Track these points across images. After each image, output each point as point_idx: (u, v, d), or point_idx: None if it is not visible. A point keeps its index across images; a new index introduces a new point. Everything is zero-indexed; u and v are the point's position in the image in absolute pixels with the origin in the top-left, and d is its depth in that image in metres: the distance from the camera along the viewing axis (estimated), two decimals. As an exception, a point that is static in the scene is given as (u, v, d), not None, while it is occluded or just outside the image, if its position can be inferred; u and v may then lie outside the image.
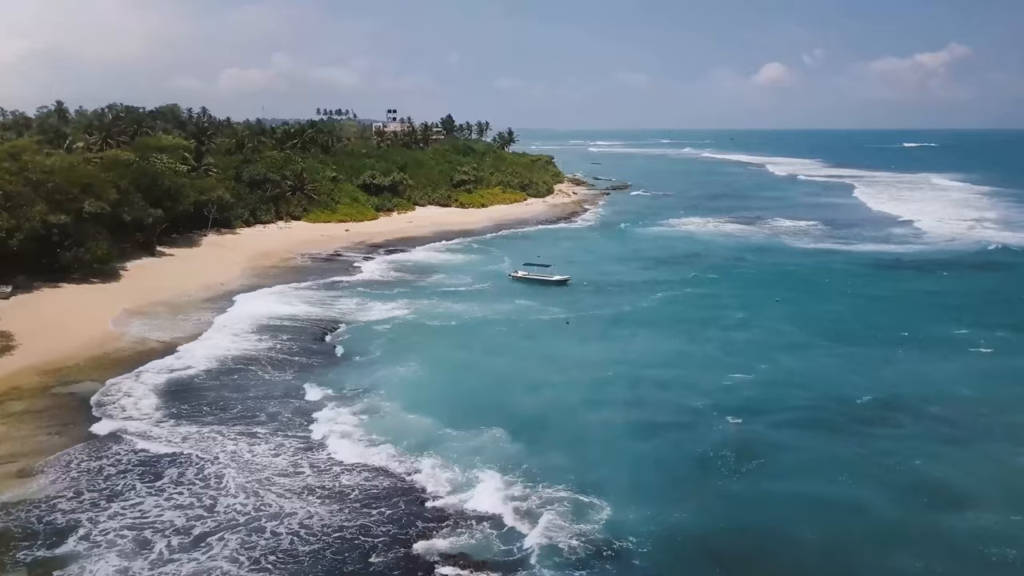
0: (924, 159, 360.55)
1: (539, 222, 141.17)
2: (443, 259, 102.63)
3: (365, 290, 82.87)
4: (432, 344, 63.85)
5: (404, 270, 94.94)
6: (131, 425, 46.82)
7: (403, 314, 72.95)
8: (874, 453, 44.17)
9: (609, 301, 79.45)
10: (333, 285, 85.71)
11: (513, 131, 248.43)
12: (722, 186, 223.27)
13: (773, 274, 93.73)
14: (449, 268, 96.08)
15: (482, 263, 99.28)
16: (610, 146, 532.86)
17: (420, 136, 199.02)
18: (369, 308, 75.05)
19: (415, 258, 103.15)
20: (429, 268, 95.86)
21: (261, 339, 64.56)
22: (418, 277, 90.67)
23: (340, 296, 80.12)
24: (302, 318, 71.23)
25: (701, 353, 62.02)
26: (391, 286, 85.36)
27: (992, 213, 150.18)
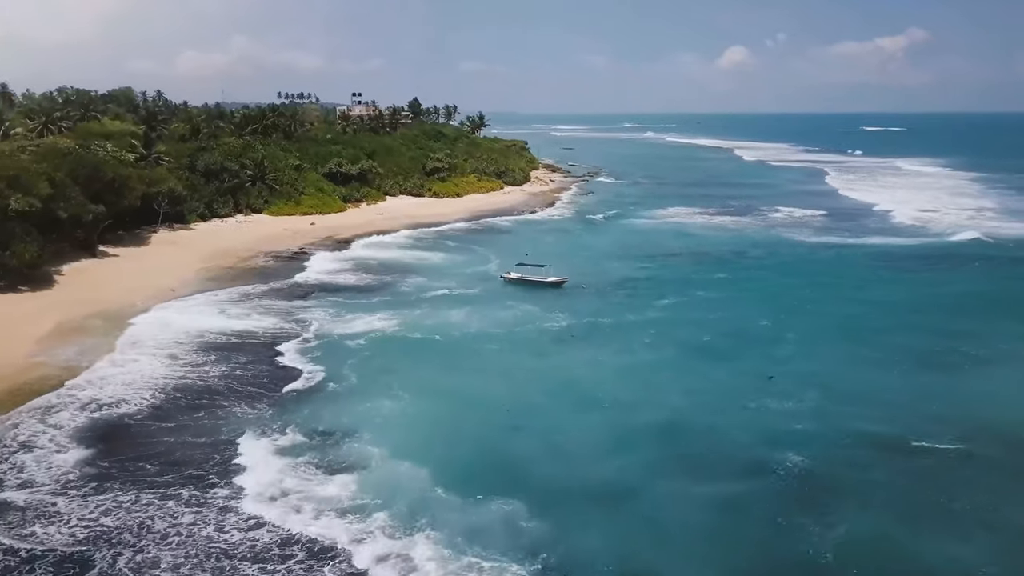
0: (895, 143, 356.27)
1: (519, 213, 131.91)
2: (422, 257, 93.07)
3: (336, 297, 73.18)
4: (418, 366, 54.57)
5: (380, 271, 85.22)
6: (22, 498, 36.42)
7: (382, 326, 63.48)
8: (980, 508, 36.10)
9: (614, 307, 70.75)
10: (299, 290, 75.94)
11: (484, 115, 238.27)
12: (698, 173, 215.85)
13: (784, 272, 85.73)
14: (430, 269, 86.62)
15: (467, 263, 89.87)
16: (575, 130, 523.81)
17: (388, 120, 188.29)
18: (342, 319, 65.49)
19: (391, 256, 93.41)
20: (408, 269, 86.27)
21: (213, 361, 54.80)
22: (397, 280, 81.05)
23: (307, 305, 70.33)
24: (262, 333, 61.45)
25: (736, 374, 53.41)
26: (367, 292, 75.74)
27: (988, 201, 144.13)
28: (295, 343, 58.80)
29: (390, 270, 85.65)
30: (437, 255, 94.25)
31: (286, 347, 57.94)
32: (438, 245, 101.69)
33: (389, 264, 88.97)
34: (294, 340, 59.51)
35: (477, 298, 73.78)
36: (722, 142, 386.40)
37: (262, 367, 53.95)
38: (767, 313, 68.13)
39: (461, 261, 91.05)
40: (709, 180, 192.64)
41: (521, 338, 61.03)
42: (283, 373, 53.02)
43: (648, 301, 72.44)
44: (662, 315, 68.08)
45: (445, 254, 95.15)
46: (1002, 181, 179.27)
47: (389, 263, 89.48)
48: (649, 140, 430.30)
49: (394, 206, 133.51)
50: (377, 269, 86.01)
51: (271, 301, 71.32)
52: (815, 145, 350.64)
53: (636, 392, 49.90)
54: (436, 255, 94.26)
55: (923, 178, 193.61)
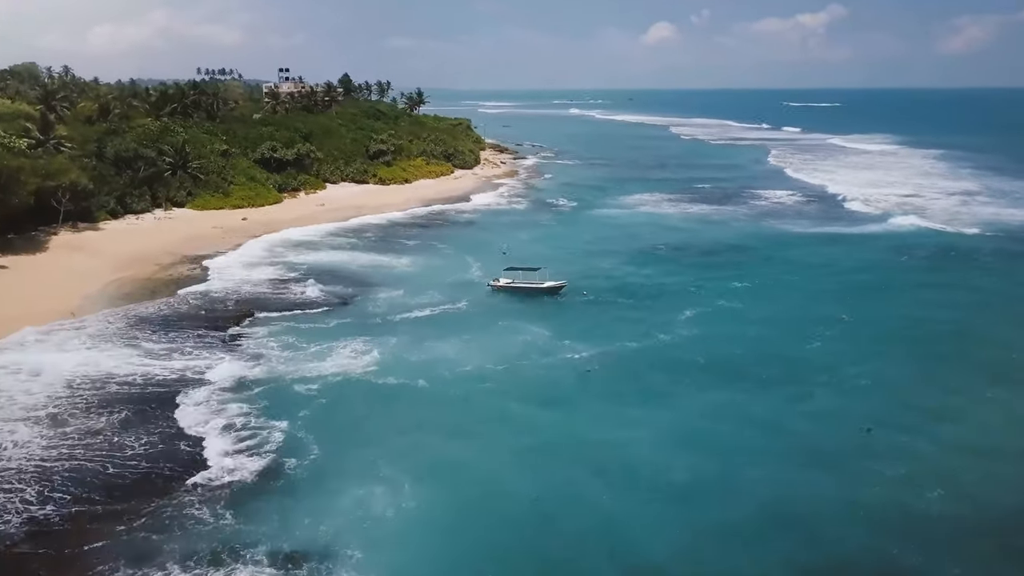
0: (835, 120, 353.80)
1: (479, 202, 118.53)
2: (383, 263, 79.21)
3: (284, 321, 59.37)
4: (404, 431, 41.60)
5: (335, 281, 71.35)
6: None
7: (347, 365, 50.11)
8: None
9: (630, 325, 58.68)
10: (233, 310, 61.85)
11: (423, 92, 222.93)
12: (647, 153, 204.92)
13: (802, 273, 75.21)
14: (398, 277, 73.19)
15: (441, 269, 76.49)
16: (502, 107, 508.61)
17: (322, 98, 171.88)
18: (292, 354, 51.91)
19: (343, 261, 79.35)
20: (369, 278, 72.56)
21: (107, 426, 40.86)
22: (359, 293, 67.44)
23: (245, 332, 56.47)
24: (176, 379, 47.47)
25: (819, 425, 41.93)
26: (323, 312, 62.01)
27: (970, 184, 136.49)
28: (221, 395, 45.03)
29: (348, 280, 71.84)
30: (402, 259, 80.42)
31: (207, 400, 44.20)
32: (398, 244, 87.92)
33: (345, 271, 75.08)
34: (220, 389, 45.72)
35: (464, 318, 60.87)
36: (658, 119, 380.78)
37: (172, 441, 39.91)
38: (813, 329, 57.02)
39: (433, 266, 77.60)
40: (662, 161, 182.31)
41: (531, 379, 48.31)
42: (192, 452, 39.06)
43: (666, 315, 60.61)
44: (691, 335, 56.28)
45: (411, 257, 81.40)
46: (967, 160, 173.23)
47: (345, 270, 75.58)
48: (582, 117, 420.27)
49: (337, 195, 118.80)
50: (331, 278, 72.03)
51: (196, 327, 57.07)
52: (753, 122, 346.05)
53: (702, 464, 37.81)
54: (401, 259, 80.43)
55: (885, 158, 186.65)
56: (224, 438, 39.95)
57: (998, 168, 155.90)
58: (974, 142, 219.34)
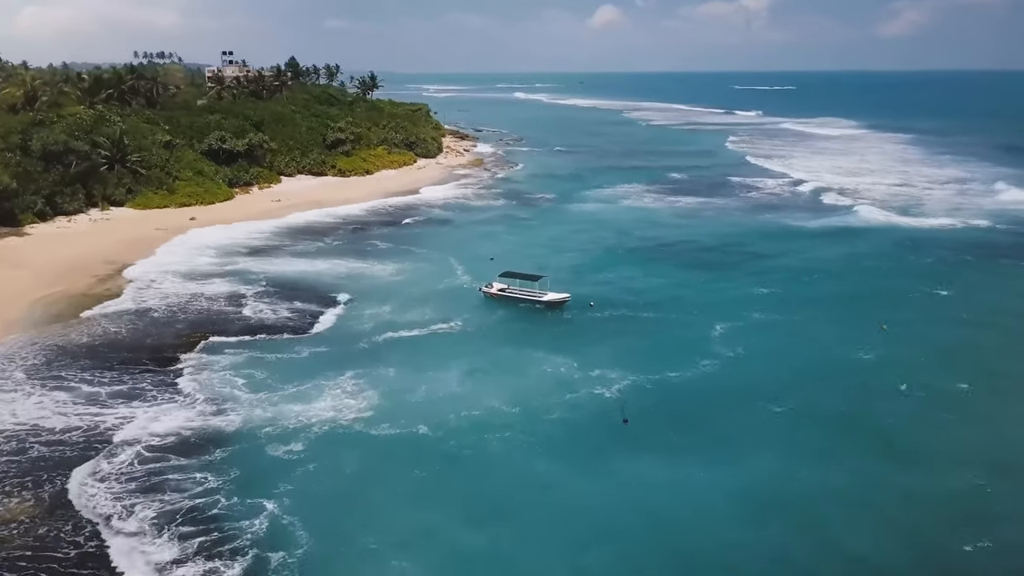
0: (794, 103, 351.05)
1: (450, 196, 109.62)
2: (356, 270, 70.16)
3: (247, 349, 50.35)
4: (410, 506, 33.37)
5: (303, 293, 62.35)
6: None
7: (333, 408, 41.57)
8: None
9: (655, 343, 51.36)
10: (185, 332, 52.59)
11: (376, 75, 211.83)
12: (611, 139, 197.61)
13: (824, 274, 68.49)
14: (375, 289, 64.33)
15: (423, 276, 67.96)
16: (450, 91, 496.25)
17: (271, 83, 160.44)
18: (264, 394, 43.06)
19: (310, 270, 70.06)
20: (341, 290, 63.47)
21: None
22: (334, 310, 58.56)
23: (203, 362, 47.45)
24: (98, 438, 38.40)
25: (931, 500, 34.54)
26: (295, 337, 53.06)
27: (956, 171, 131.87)
28: (161, 460, 36.10)
29: (318, 292, 62.87)
30: (377, 265, 71.52)
31: (134, 467, 35.30)
32: (370, 247, 78.79)
33: (313, 282, 66.00)
34: (160, 450, 36.84)
35: (463, 340, 52.70)
36: (611, 103, 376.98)
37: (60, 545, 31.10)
38: (862, 345, 49.82)
39: (414, 273, 68.93)
40: (629, 148, 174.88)
41: (556, 426, 40.11)
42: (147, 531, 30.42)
43: (696, 332, 53.19)
44: (735, 357, 48.82)
45: (387, 263, 72.42)
46: (939, 144, 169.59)
47: (313, 280, 66.48)
48: (531, 101, 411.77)
49: (294, 190, 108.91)
50: (298, 291, 63.03)
51: (135, 360, 47.87)
52: (709, 105, 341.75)
53: (800, 549, 30.18)
54: (376, 265, 71.52)
55: (856, 143, 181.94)
56: (157, 540, 30.45)
57: (976, 153, 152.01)
58: (937, 126, 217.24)
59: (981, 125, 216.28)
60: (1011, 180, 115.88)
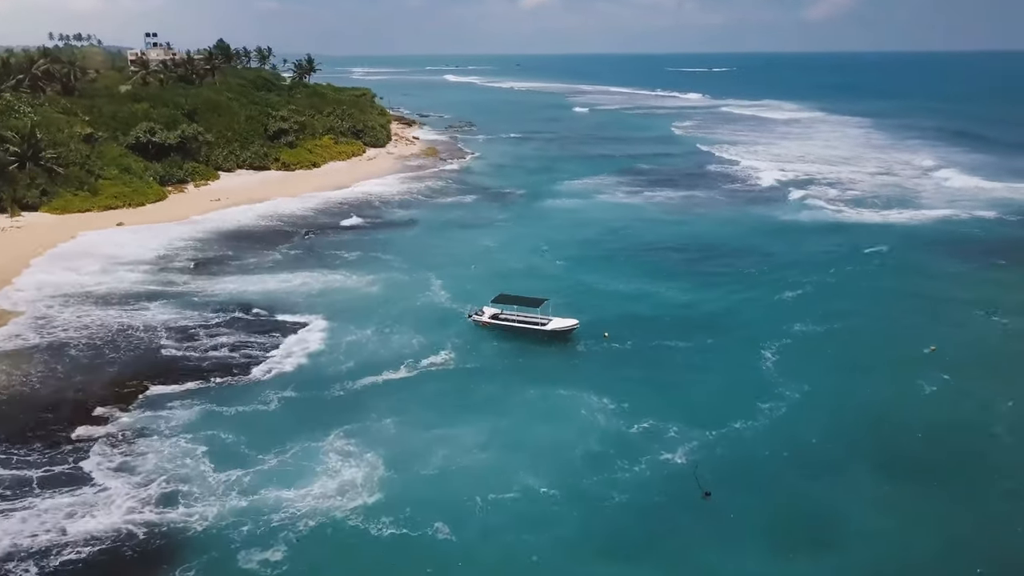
0: (742, 85, 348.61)
1: (409, 191, 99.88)
2: (318, 285, 60.40)
3: (200, 400, 40.59)
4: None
5: (257, 321, 52.54)
6: None
7: (326, 496, 32.40)
8: None
9: (703, 382, 43.24)
10: (119, 379, 42.48)
11: (313, 58, 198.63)
12: (569, 125, 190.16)
13: (849, 277, 61.41)
14: (345, 310, 54.78)
15: (397, 292, 58.76)
16: (380, 74, 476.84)
17: (201, 66, 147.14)
18: (218, 480, 33.54)
19: (261, 288, 59.95)
20: (306, 309, 53.70)
21: None
22: (301, 339, 48.90)
23: (136, 430, 37.56)
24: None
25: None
26: (264, 383, 43.27)
27: (930, 158, 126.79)
28: None
29: (281, 315, 53.13)
30: (344, 278, 61.95)
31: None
32: (330, 256, 69.03)
33: (274, 300, 56.17)
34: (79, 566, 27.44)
35: (463, 379, 44.13)
36: (553, 86, 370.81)
37: None
38: (943, 381, 42.59)
39: (387, 288, 59.56)
40: (588, 134, 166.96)
41: (619, 515, 31.36)
42: None
43: (745, 361, 45.84)
44: (803, 396, 41.01)
45: (352, 274, 62.87)
46: (902, 128, 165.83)
47: (274, 298, 56.62)
48: (467, 85, 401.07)
49: (234, 186, 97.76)
50: (261, 315, 53.23)
51: (48, 425, 37.71)
52: (649, 88, 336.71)
53: None
54: (341, 278, 61.91)
55: (817, 127, 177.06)
56: None
57: (944, 137, 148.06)
58: (888, 107, 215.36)
59: (931, 107, 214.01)
60: (994, 167, 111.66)
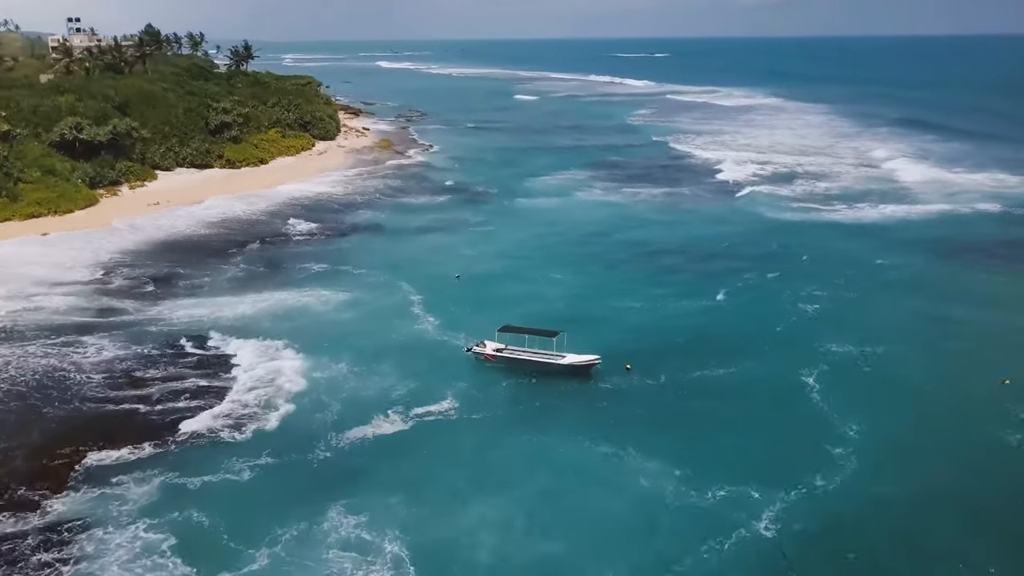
0: (686, 71, 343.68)
1: (368, 189, 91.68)
2: (280, 306, 52.34)
3: (145, 472, 32.68)
4: None
5: (213, 357, 44.30)
6: None
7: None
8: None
9: (769, 436, 36.57)
10: (42, 468, 34.25)
11: (251, 45, 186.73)
12: (525, 113, 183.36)
13: (875, 285, 55.61)
14: (314, 336, 46.93)
15: (372, 313, 51.39)
16: (312, 60, 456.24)
17: (130, 54, 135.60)
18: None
19: (214, 313, 51.50)
20: (265, 335, 45.64)
21: None
22: (267, 376, 40.91)
23: (81, 515, 29.60)
24: None
25: None
26: (219, 450, 35.39)
27: (905, 145, 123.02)
28: None
29: (238, 350, 44.89)
30: (311, 296, 54.07)
31: None
32: (290, 268, 60.95)
33: (231, 326, 47.90)
34: None
35: (474, 431, 37.26)
36: (496, 71, 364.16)
37: None
38: None
39: (360, 308, 51.90)
40: (548, 123, 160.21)
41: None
42: None
43: (791, 394, 39.92)
44: (865, 444, 34.65)
45: (319, 291, 54.89)
46: (865, 115, 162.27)
47: (231, 324, 48.35)
48: (405, 71, 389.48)
49: (174, 187, 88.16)
50: (218, 349, 44.93)
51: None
52: (592, 74, 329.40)
53: None
54: (310, 296, 54.09)
55: (780, 115, 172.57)
56: None
57: (912, 124, 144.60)
58: (843, 93, 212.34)
59: (880, 93, 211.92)
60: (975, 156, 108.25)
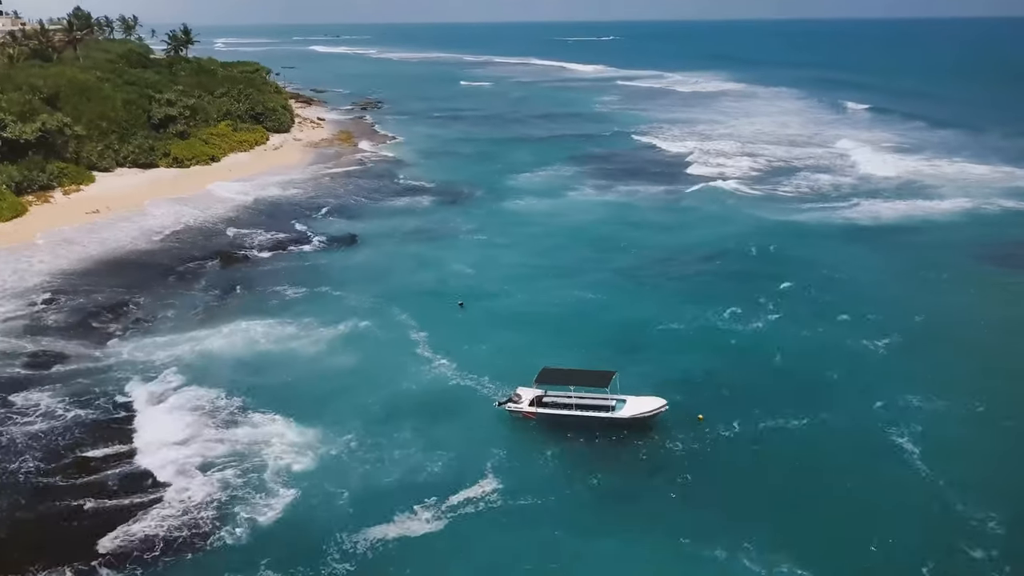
0: (640, 55, 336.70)
1: (335, 190, 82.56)
2: (253, 346, 43.48)
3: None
4: None
5: (178, 431, 35.40)
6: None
7: None
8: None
9: (903, 525, 29.10)
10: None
11: (190, 29, 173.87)
12: (489, 101, 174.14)
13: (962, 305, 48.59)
14: (299, 392, 38.26)
15: (370, 355, 42.73)
16: (245, 44, 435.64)
17: (59, 39, 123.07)
18: None
19: (170, 360, 42.33)
20: (240, 390, 36.84)
21: None
22: (259, 484, 32.13)
23: None
24: None
25: None
26: (205, 567, 26.85)
27: (890, 134, 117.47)
28: None
29: (210, 410, 36.00)
30: (291, 332, 45.24)
31: None
32: (263, 292, 52.11)
33: (198, 374, 38.80)
34: None
35: (531, 528, 29.39)
36: (438, 55, 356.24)
37: None
38: None
39: (353, 349, 43.10)
40: (512, 113, 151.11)
41: None
42: None
43: (881, 452, 32.51)
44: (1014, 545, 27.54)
45: (300, 326, 46.04)
46: (844, 101, 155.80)
47: (199, 373, 39.24)
48: (348, 55, 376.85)
49: (116, 191, 77.82)
50: (183, 414, 35.95)
51: None
52: (542, 58, 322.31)
53: None
54: (289, 331, 45.27)
55: (754, 102, 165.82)
56: None
57: (887, 111, 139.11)
58: (806, 78, 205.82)
59: (841, 79, 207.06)
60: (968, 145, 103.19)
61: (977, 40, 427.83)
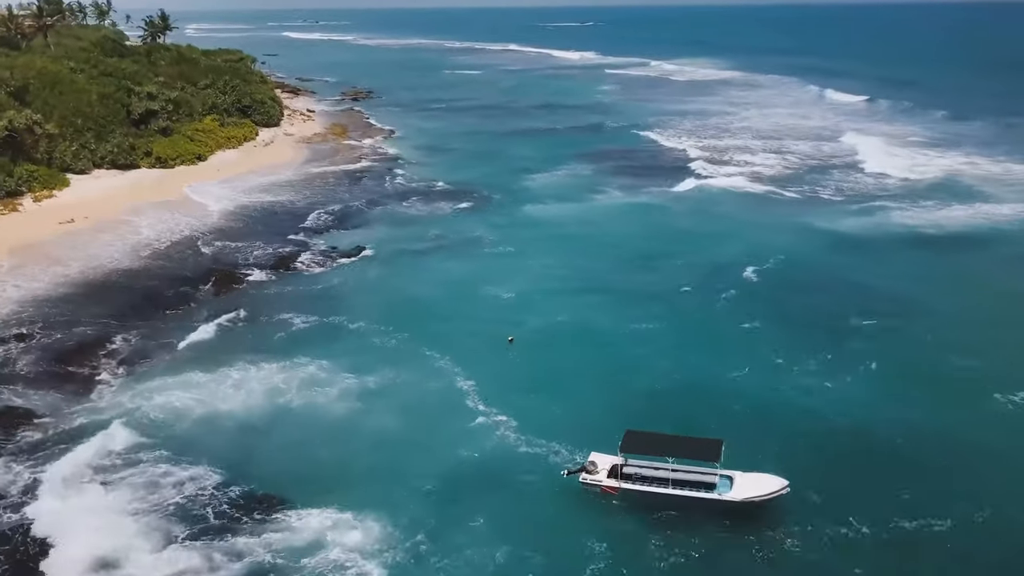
0: (625, 41, 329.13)
1: (333, 194, 75.10)
2: (254, 402, 36.34)
3: None
4: None
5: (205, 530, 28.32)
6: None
7: None
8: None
9: None
10: None
11: (167, 14, 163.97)
12: (483, 90, 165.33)
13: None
14: (328, 473, 31.32)
15: (402, 405, 36.28)
16: (220, 31, 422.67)
17: (30, 26, 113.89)
18: None
19: (170, 420, 35.16)
20: (249, 471, 29.88)
21: None
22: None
23: None
24: None
25: None
26: None
27: (911, 127, 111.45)
28: None
29: (217, 487, 29.06)
30: (301, 373, 38.13)
31: None
32: (269, 324, 44.78)
33: (206, 449, 31.76)
34: None
35: None
36: (422, 41, 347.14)
37: None
38: None
39: (386, 398, 36.38)
40: (510, 103, 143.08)
41: None
42: None
43: None
44: None
45: (317, 373, 38.82)
46: (850, 89, 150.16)
47: (208, 447, 32.18)
48: (328, 42, 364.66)
49: (93, 196, 69.88)
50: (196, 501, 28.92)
51: None
52: (526, 44, 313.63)
53: None
54: (297, 373, 38.15)
55: (762, 91, 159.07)
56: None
57: (901, 98, 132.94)
58: (804, 65, 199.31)
59: (832, 68, 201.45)
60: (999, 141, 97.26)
61: (956, 26, 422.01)
